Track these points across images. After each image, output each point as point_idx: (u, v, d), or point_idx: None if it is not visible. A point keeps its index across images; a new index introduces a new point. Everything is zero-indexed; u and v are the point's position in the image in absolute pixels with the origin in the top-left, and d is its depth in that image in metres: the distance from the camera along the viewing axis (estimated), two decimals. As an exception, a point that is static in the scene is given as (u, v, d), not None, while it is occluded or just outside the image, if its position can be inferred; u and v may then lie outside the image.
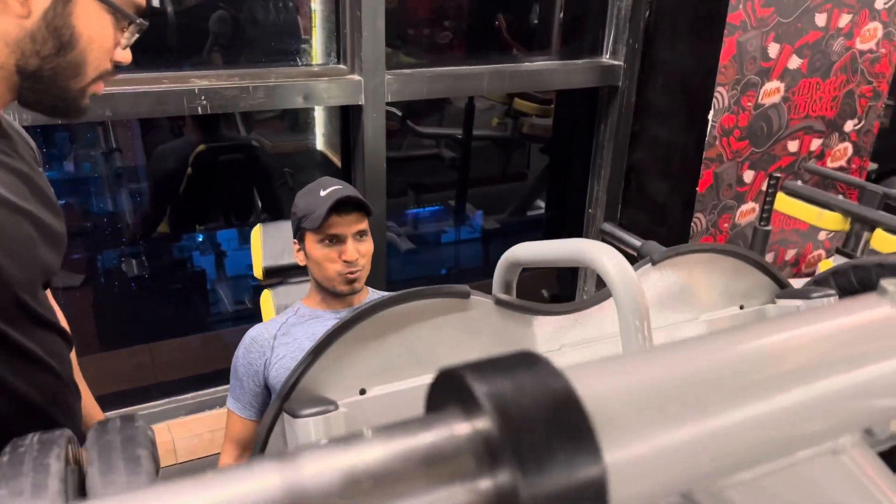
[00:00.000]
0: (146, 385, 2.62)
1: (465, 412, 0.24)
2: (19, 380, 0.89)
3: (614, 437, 0.25)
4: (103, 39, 0.88)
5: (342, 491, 0.22)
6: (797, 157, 2.58)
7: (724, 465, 0.29)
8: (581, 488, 0.23)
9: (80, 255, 2.74)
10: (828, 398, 0.30)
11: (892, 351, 0.32)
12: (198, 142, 2.67)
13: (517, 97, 3.41)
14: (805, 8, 2.31)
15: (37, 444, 0.53)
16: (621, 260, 0.81)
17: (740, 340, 0.31)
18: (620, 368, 0.28)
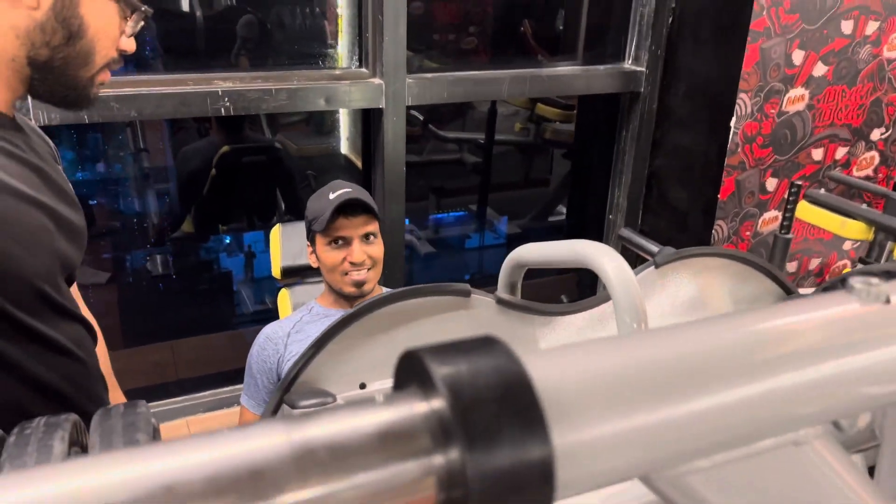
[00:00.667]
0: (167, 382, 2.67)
1: (424, 392, 0.25)
2: (46, 369, 0.90)
3: (565, 421, 0.25)
4: (110, 28, 0.89)
5: (297, 461, 0.23)
6: (822, 165, 2.55)
7: (678, 454, 0.30)
8: (527, 468, 0.23)
9: (108, 254, 2.80)
10: (786, 391, 0.31)
11: (854, 346, 0.32)
12: (222, 143, 2.71)
13: (540, 102, 3.42)
14: (831, 15, 2.28)
15: (43, 426, 0.54)
16: (621, 262, 0.81)
17: (703, 333, 0.32)
18: (578, 356, 0.29)
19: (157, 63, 2.28)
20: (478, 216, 3.75)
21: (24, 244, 0.85)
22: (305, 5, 2.68)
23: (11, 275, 0.84)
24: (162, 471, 0.22)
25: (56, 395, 0.92)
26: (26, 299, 0.87)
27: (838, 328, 0.33)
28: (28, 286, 0.87)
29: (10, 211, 0.83)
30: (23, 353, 0.88)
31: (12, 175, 0.85)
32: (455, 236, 3.83)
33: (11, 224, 0.83)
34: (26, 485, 0.22)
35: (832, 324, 0.33)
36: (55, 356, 0.92)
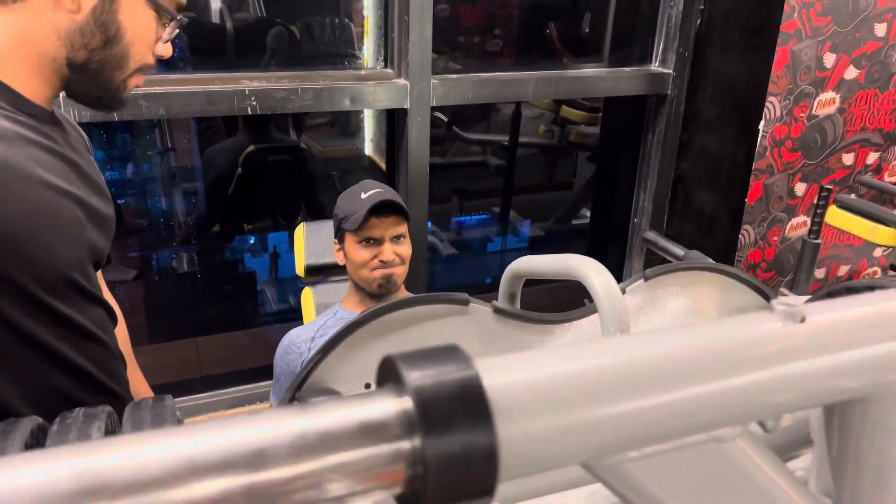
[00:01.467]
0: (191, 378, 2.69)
1: (396, 391, 0.31)
2: (73, 350, 0.95)
3: (509, 416, 0.31)
4: (146, 34, 0.93)
5: (293, 442, 0.29)
6: (852, 170, 2.51)
7: (608, 446, 0.35)
8: (475, 452, 0.30)
9: (134, 252, 2.84)
10: (704, 396, 0.36)
11: (766, 360, 0.38)
12: (247, 143, 2.73)
13: (565, 105, 3.40)
14: (864, 17, 2.24)
15: (82, 417, 0.62)
16: (608, 276, 0.89)
17: (639, 344, 0.38)
18: (527, 362, 0.35)
19: (186, 64, 2.31)
20: (501, 219, 3.74)
21: (57, 235, 0.89)
22: (333, 8, 2.70)
23: (45, 263, 0.88)
24: (185, 447, 0.28)
25: (81, 374, 0.97)
26: (58, 286, 0.91)
27: (756, 344, 0.38)
28: (60, 274, 0.91)
29: (45, 204, 0.87)
30: (52, 335, 0.92)
31: (49, 169, 0.89)
32: (478, 239, 3.82)
33: (46, 216, 0.88)
34: (72, 457, 0.27)
35: (752, 340, 0.38)
36: (81, 339, 0.97)
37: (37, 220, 0.86)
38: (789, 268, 2.59)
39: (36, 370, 0.92)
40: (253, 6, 2.71)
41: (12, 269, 0.85)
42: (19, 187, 0.84)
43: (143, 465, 0.27)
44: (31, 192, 0.85)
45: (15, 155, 0.84)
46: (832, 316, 0.40)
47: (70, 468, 0.27)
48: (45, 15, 0.86)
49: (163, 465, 0.27)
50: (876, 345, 0.39)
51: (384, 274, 1.57)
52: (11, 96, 0.87)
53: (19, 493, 0.26)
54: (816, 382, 0.39)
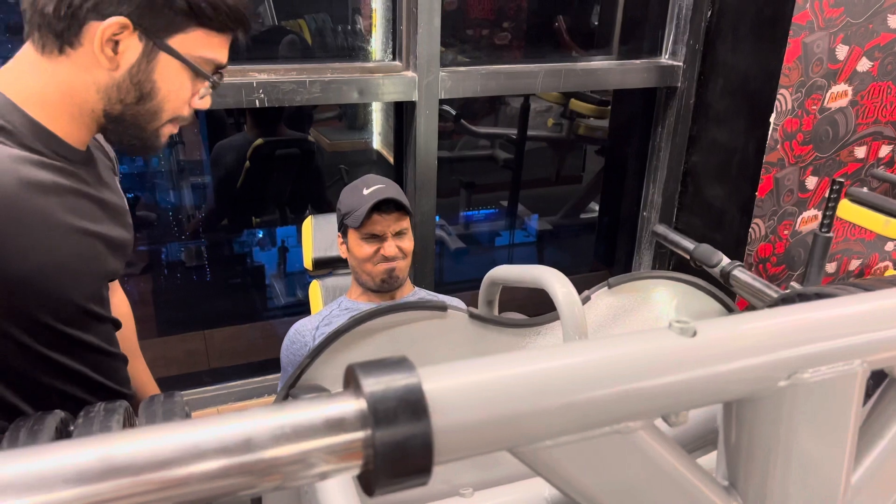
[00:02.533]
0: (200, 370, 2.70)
1: (356, 392, 0.39)
2: (84, 365, 1.06)
3: (442, 412, 0.39)
4: (180, 91, 1.00)
5: (274, 432, 0.37)
6: (864, 163, 2.48)
7: (525, 436, 0.44)
8: (413, 439, 0.38)
9: (143, 246, 2.84)
10: (605, 398, 0.45)
11: (656, 367, 0.46)
12: (256, 137, 2.73)
13: (573, 98, 3.39)
14: (877, 9, 2.22)
15: (103, 411, 0.72)
16: (570, 288, 1.01)
17: (558, 353, 0.46)
18: (466, 371, 0.43)
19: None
20: (509, 213, 3.73)
21: (80, 275, 1.00)
22: (341, 1, 2.69)
23: (65, 301, 0.99)
24: (190, 436, 0.36)
25: (89, 382, 1.08)
26: (74, 316, 1.02)
27: (653, 354, 0.47)
28: (77, 307, 1.02)
29: (72, 248, 0.98)
30: (68, 356, 1.03)
31: (78, 213, 0.98)
32: (485, 233, 3.81)
33: (72, 259, 0.98)
34: (98, 444, 0.34)
35: (650, 351, 0.47)
36: (91, 353, 1.08)
37: (63, 265, 0.96)
38: (800, 262, 2.57)
39: (53, 386, 1.03)
40: (265, 5, 2.71)
41: (34, 306, 0.95)
42: (50, 235, 0.93)
43: (156, 450, 0.34)
44: (62, 241, 0.95)
45: (51, 207, 0.93)
46: (720, 332, 0.49)
47: (96, 454, 0.34)
48: (87, 70, 0.93)
49: (172, 449, 0.35)
50: (753, 357, 0.48)
51: (387, 269, 1.58)
52: (52, 140, 0.95)
53: (55, 475, 0.32)
54: (700, 386, 0.47)
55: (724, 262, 1.51)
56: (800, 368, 0.49)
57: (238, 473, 0.35)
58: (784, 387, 0.49)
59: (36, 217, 0.91)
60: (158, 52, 0.95)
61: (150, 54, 0.95)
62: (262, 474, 0.36)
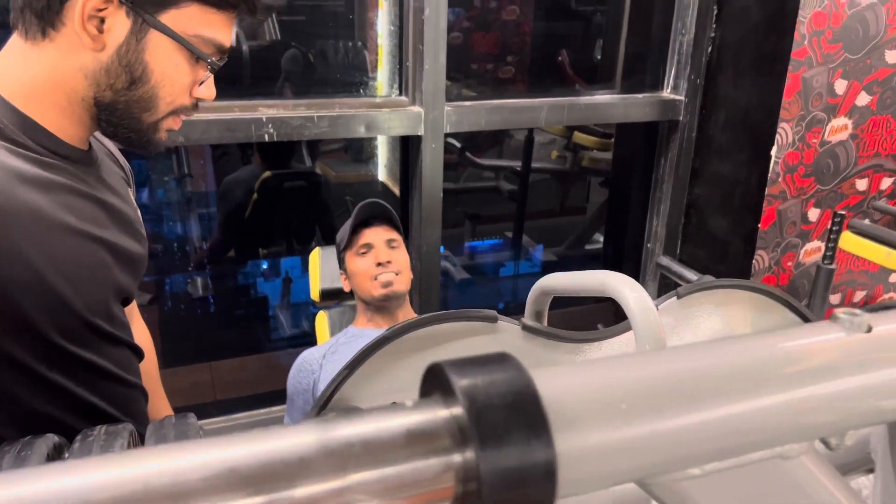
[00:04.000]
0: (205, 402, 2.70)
1: (445, 400, 0.29)
2: (92, 393, 0.93)
3: (567, 429, 0.29)
4: (177, 76, 0.89)
5: (339, 451, 0.27)
6: (866, 195, 2.50)
7: (670, 462, 0.33)
8: (532, 468, 0.27)
9: (149, 277, 2.86)
10: (770, 409, 0.34)
11: (834, 372, 0.36)
12: (264, 170, 2.77)
13: (577, 130, 3.43)
14: (874, 44, 2.26)
15: (104, 434, 0.62)
16: (642, 293, 0.84)
17: (700, 354, 0.35)
18: (585, 372, 0.33)
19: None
20: (513, 244, 3.75)
21: (80, 282, 0.88)
22: (348, 39, 2.75)
23: (66, 311, 0.87)
24: (220, 458, 0.26)
25: (97, 413, 0.95)
26: (77, 331, 0.90)
27: (821, 355, 0.36)
28: (80, 320, 0.89)
29: (71, 251, 0.87)
30: (72, 380, 0.90)
31: (78, 214, 0.88)
32: (490, 263, 3.83)
33: (72, 264, 0.87)
34: (93, 469, 0.25)
35: (816, 351, 0.36)
36: (101, 380, 0.95)
37: (61, 269, 0.85)
38: (804, 293, 2.58)
39: (49, 410, 0.90)
40: (269, 36, 2.77)
41: (33, 315, 0.83)
42: (46, 235, 0.83)
43: (177, 477, 0.25)
44: (58, 241, 0.85)
45: (45, 203, 0.83)
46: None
47: (92, 479, 0.25)
48: (72, 53, 0.85)
49: (198, 476, 0.25)
50: None
51: (384, 279, 1.60)
52: (46, 137, 0.87)
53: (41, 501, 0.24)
54: (881, 394, 0.36)
55: (727, 294, 1.52)
56: None
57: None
58: None
59: (25, 212, 0.81)
60: (149, 29, 0.85)
61: (139, 32, 0.85)
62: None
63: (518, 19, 3.25)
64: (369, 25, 2.68)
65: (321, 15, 2.75)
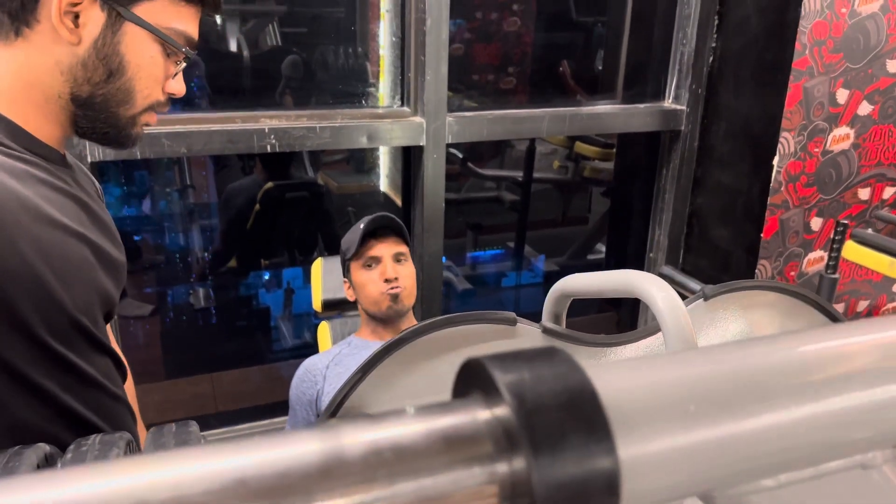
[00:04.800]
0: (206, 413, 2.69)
1: (486, 399, 0.25)
2: (78, 401, 0.91)
3: (630, 433, 0.25)
4: (152, 68, 0.91)
5: (365, 458, 0.23)
6: (868, 205, 2.50)
7: (745, 471, 0.29)
8: (593, 478, 0.23)
9: (150, 288, 2.86)
10: (851, 412, 0.29)
11: None
12: (266, 180, 2.77)
13: (578, 141, 3.43)
14: (876, 54, 2.26)
15: (98, 444, 0.57)
16: (671, 292, 0.78)
17: (773, 347, 0.31)
18: (644, 368, 0.28)
19: (204, 102, 2.36)
20: (515, 254, 3.75)
21: (67, 276, 0.87)
22: (349, 47, 2.76)
23: (54, 304, 0.85)
24: (231, 464, 0.23)
25: (82, 422, 0.92)
26: (64, 330, 0.88)
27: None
28: (68, 317, 0.88)
29: (57, 244, 0.86)
30: (57, 384, 0.89)
31: (60, 209, 0.87)
32: (492, 274, 3.83)
33: (58, 257, 0.86)
34: (92, 475, 0.22)
35: (892, 345, 0.31)
36: (87, 388, 0.93)
37: (48, 260, 0.84)
38: (807, 303, 2.57)
39: (36, 418, 0.88)
40: (271, 45, 2.78)
41: (21, 308, 0.82)
42: (31, 226, 0.82)
43: (182, 487, 0.22)
44: (44, 232, 0.84)
45: (27, 193, 0.82)
46: None
47: (86, 488, 0.22)
48: (47, 50, 0.85)
49: (203, 487, 0.22)
50: None
51: (391, 293, 1.59)
52: (23, 137, 0.87)
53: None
54: None
55: (730, 303, 1.51)
56: None
57: None
58: None
59: (12, 200, 0.80)
60: (123, 21, 0.87)
61: (114, 25, 0.86)
62: None
63: (519, 30, 3.26)
64: (371, 37, 2.69)
65: (323, 26, 2.76)
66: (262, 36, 2.75)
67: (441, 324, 0.84)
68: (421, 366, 0.83)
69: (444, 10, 2.07)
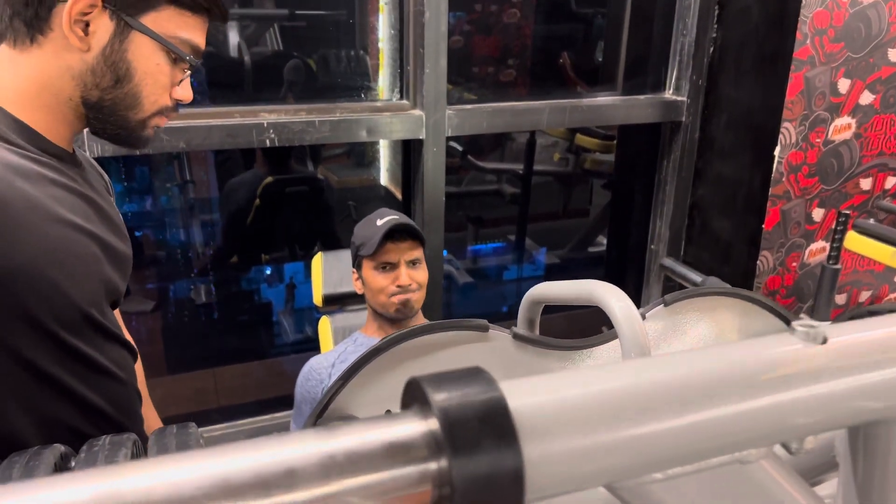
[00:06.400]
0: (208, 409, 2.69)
1: (422, 412, 0.31)
2: (91, 390, 0.97)
3: (534, 437, 0.32)
4: (158, 75, 0.95)
5: (323, 462, 0.29)
6: (870, 195, 2.49)
7: (633, 467, 0.35)
8: (501, 474, 0.30)
9: (152, 284, 2.86)
10: (729, 417, 0.36)
11: (789, 381, 0.38)
12: (266, 175, 2.77)
13: (579, 133, 3.42)
14: (877, 43, 2.25)
15: (108, 444, 0.65)
16: (627, 302, 0.88)
17: (662, 365, 0.38)
18: (553, 384, 0.35)
19: (204, 97, 2.35)
20: (516, 247, 3.74)
21: (75, 271, 0.92)
22: (349, 42, 2.75)
23: (62, 298, 0.90)
24: (217, 467, 0.29)
25: (98, 413, 0.98)
26: (75, 323, 0.93)
27: (778, 364, 0.39)
28: (77, 310, 0.93)
29: (64, 241, 0.91)
30: (71, 375, 0.94)
31: (68, 207, 0.92)
32: (493, 267, 3.82)
33: (65, 253, 0.90)
34: (103, 478, 0.28)
35: (773, 361, 0.39)
36: (99, 377, 0.98)
37: (56, 257, 0.89)
38: (809, 294, 2.57)
39: (50, 406, 0.93)
40: (271, 42, 2.77)
41: (31, 304, 0.87)
42: (41, 225, 0.87)
43: (176, 487, 0.27)
44: (52, 230, 0.88)
45: (37, 193, 0.87)
46: (854, 337, 0.41)
47: (99, 489, 0.27)
48: (60, 56, 0.90)
49: (195, 486, 0.27)
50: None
51: (401, 299, 1.58)
52: (35, 137, 0.91)
53: None
54: (839, 404, 0.39)
55: (732, 295, 1.51)
56: None
57: None
58: None
59: (21, 201, 0.85)
60: (130, 30, 0.91)
61: (122, 33, 0.91)
62: None
63: (519, 22, 3.25)
64: (370, 30, 2.67)
65: (322, 19, 2.75)
66: (261, 34, 2.74)
67: (418, 332, 0.92)
68: (400, 369, 0.90)
69: (442, 2, 2.06)
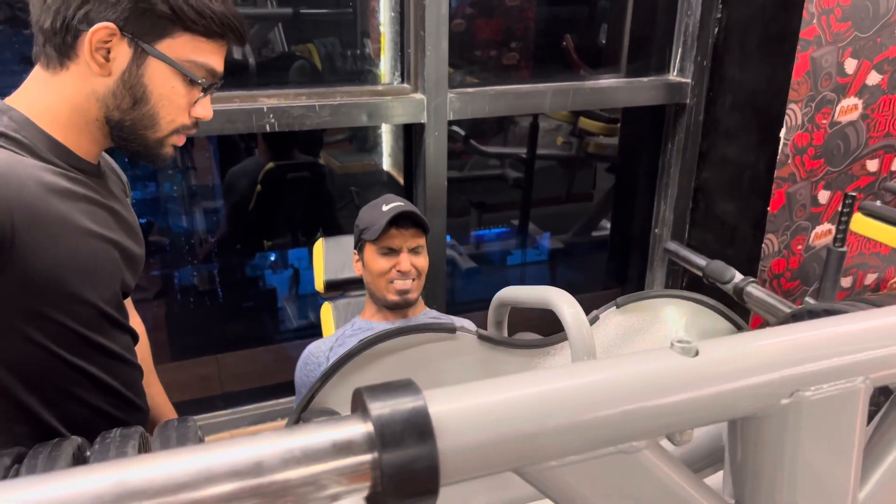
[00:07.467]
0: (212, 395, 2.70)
1: (363, 416, 0.40)
2: (108, 374, 1.10)
3: (449, 435, 0.41)
4: (173, 97, 1.02)
5: (282, 456, 0.38)
6: (877, 176, 2.47)
7: (530, 456, 0.45)
8: (419, 462, 0.39)
9: (156, 271, 2.86)
10: (607, 419, 0.46)
11: (659, 388, 0.47)
12: (267, 161, 2.76)
13: (582, 116, 3.39)
14: (885, 22, 2.22)
15: (118, 437, 0.76)
16: (577, 309, 1.01)
17: (559, 375, 0.47)
18: (469, 392, 0.44)
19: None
20: (520, 232, 3.73)
21: (98, 277, 1.04)
22: (349, 25, 2.73)
23: (85, 302, 1.03)
24: (203, 460, 0.37)
25: (114, 393, 1.12)
26: (95, 321, 1.06)
27: (654, 374, 0.48)
28: (97, 310, 1.05)
29: (91, 251, 1.03)
30: (93, 363, 1.07)
31: (94, 219, 1.03)
32: (497, 252, 3.81)
33: (92, 262, 1.03)
34: (114, 470, 0.36)
35: (651, 371, 0.48)
36: (114, 362, 1.11)
37: (83, 267, 1.01)
38: (815, 277, 2.55)
39: (73, 391, 1.06)
40: (275, 32, 2.75)
41: (56, 309, 0.99)
42: (71, 238, 0.98)
43: (171, 475, 0.36)
44: (81, 243, 1.00)
45: (70, 210, 0.98)
46: (721, 351, 0.50)
47: (112, 479, 0.35)
48: (86, 80, 0.99)
49: (185, 474, 0.36)
50: (755, 376, 0.49)
51: (400, 288, 1.59)
52: (67, 155, 1.01)
53: (73, 501, 0.34)
54: (702, 405, 0.48)
55: (737, 278, 1.50)
56: (802, 386, 0.49)
57: (249, 496, 0.37)
58: (787, 405, 0.49)
59: (56, 219, 0.96)
60: (147, 56, 0.98)
61: (139, 59, 0.98)
62: (273, 497, 0.37)
63: (521, 4, 3.21)
64: (371, 12, 2.65)
65: (322, 2, 2.73)
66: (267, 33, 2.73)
67: (391, 335, 1.03)
68: (377, 365, 1.02)
69: (442, -16, 2.04)
